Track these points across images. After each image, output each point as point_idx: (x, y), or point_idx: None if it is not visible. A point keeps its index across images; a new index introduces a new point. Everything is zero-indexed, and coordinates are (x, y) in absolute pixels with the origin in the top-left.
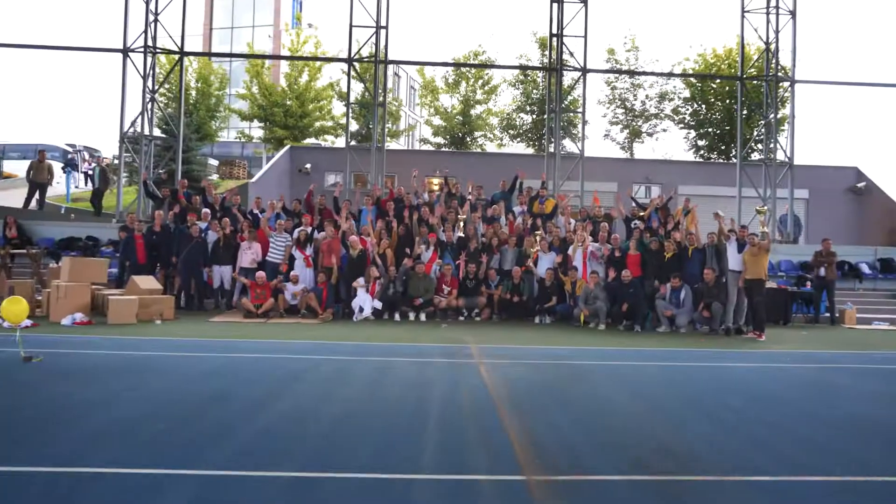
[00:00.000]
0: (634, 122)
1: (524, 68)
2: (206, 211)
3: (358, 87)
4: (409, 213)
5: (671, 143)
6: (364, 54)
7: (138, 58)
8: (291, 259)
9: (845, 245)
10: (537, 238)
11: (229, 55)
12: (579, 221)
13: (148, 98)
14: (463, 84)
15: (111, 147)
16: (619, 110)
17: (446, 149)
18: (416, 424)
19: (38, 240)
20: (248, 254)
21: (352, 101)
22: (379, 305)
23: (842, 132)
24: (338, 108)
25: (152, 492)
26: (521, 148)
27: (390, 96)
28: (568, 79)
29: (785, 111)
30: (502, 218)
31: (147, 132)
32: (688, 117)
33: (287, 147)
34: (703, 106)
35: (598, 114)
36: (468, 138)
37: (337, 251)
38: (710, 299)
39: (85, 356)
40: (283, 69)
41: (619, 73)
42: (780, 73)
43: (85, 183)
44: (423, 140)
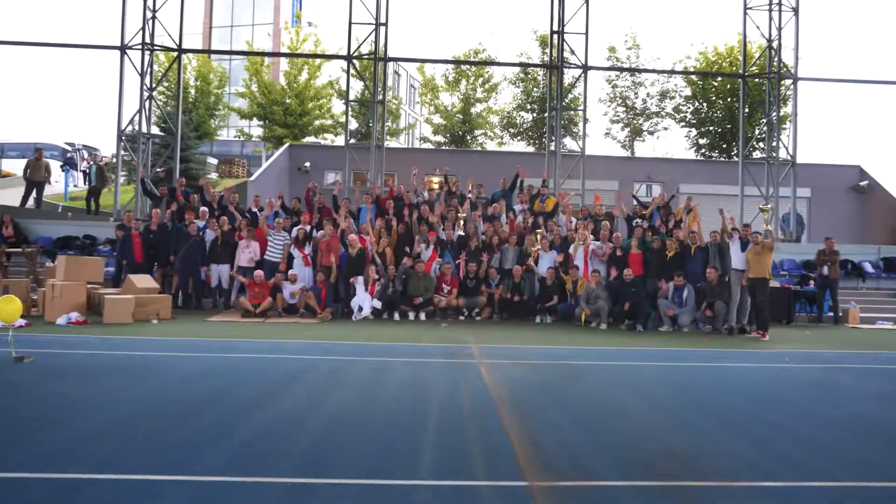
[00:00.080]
0: (635, 121)
1: (525, 65)
2: (204, 209)
3: (358, 86)
4: (409, 212)
5: (672, 142)
6: (364, 52)
7: (136, 55)
8: (290, 258)
9: (848, 244)
10: (538, 237)
11: (227, 52)
12: (581, 220)
13: (146, 95)
14: (463, 82)
15: (110, 145)
16: (620, 108)
17: (446, 147)
18: (416, 427)
19: (35, 238)
20: (247, 252)
21: (351, 99)
22: (378, 305)
23: (844, 130)
24: (337, 106)
25: (143, 498)
26: (521, 146)
27: (390, 94)
28: (569, 77)
29: (787, 109)
30: (503, 216)
31: (145, 130)
32: (689, 115)
33: (286, 145)
34: (705, 104)
35: (599, 112)
36: (468, 137)
37: (336, 250)
38: (713, 298)
39: (78, 356)
40: (283, 67)
41: (621, 70)
42: (782, 70)
43: (84, 182)
44: (423, 138)
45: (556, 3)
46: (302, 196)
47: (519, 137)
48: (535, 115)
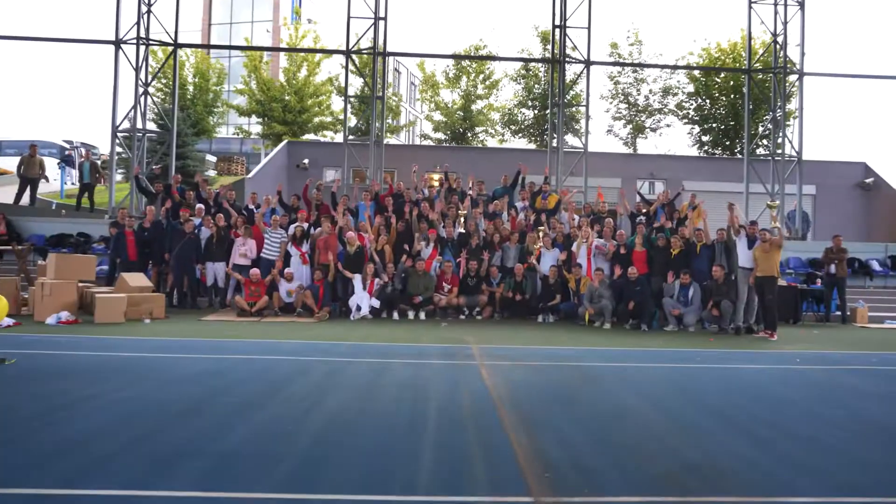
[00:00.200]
0: (638, 118)
1: (526, 60)
2: (200, 206)
3: (357, 82)
4: (409, 209)
5: (675, 139)
6: (363, 47)
7: (131, 50)
8: (287, 256)
9: (854, 241)
10: (540, 234)
11: (224, 47)
12: (583, 217)
13: (141, 91)
14: (464, 79)
15: (108, 143)
16: (622, 105)
17: (447, 144)
18: (413, 436)
19: (28, 236)
20: (243, 250)
21: (350, 96)
22: (377, 304)
23: (849, 126)
24: (337, 103)
25: None
26: (522, 143)
27: (390, 91)
28: (570, 73)
29: (791, 105)
30: (504, 214)
31: (140, 126)
32: (692, 112)
33: (284, 142)
34: (708, 101)
35: (601, 109)
36: (469, 134)
37: (334, 248)
38: (720, 297)
39: (63, 357)
40: (282, 64)
41: (624, 65)
42: (787, 65)
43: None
44: (424, 136)
45: None
46: (300, 193)
47: (520, 134)
48: (536, 111)
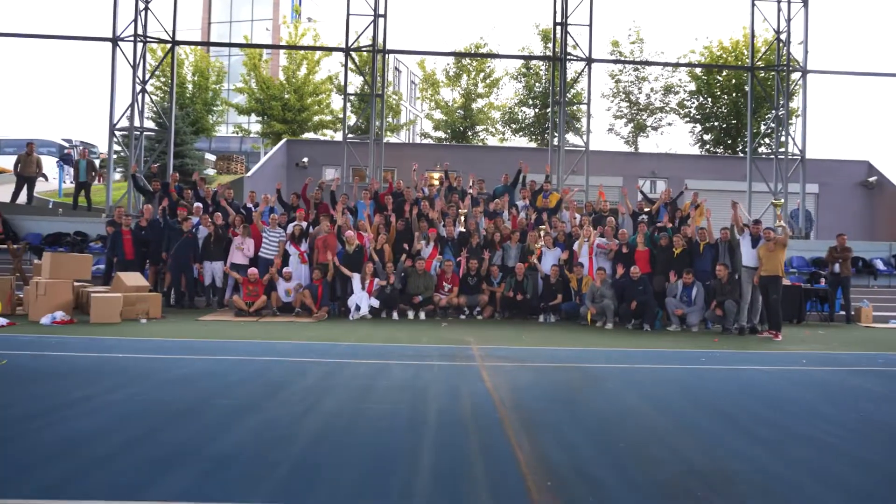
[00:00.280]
0: (639, 116)
1: (527, 58)
2: (198, 205)
3: (357, 80)
4: (409, 208)
5: (676, 138)
6: (362, 44)
7: (128, 47)
8: (286, 255)
9: (858, 241)
10: (541, 233)
11: (222, 44)
12: (585, 216)
13: (138, 89)
14: (464, 77)
15: (106, 141)
16: (624, 104)
17: (447, 142)
18: (411, 440)
19: (25, 235)
20: (241, 249)
21: (350, 94)
22: (376, 304)
23: (852, 125)
24: (337, 102)
25: None
26: (523, 142)
27: (390, 89)
28: (571, 71)
29: (793, 104)
30: (505, 212)
31: (138, 124)
32: (693, 111)
33: (283, 141)
34: (709, 99)
35: (602, 107)
36: (469, 132)
37: (333, 247)
38: (724, 297)
39: (54, 358)
40: (282, 62)
41: (626, 62)
42: (791, 63)
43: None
44: (424, 134)
45: None
46: (300, 192)
47: (521, 133)
48: (536, 110)
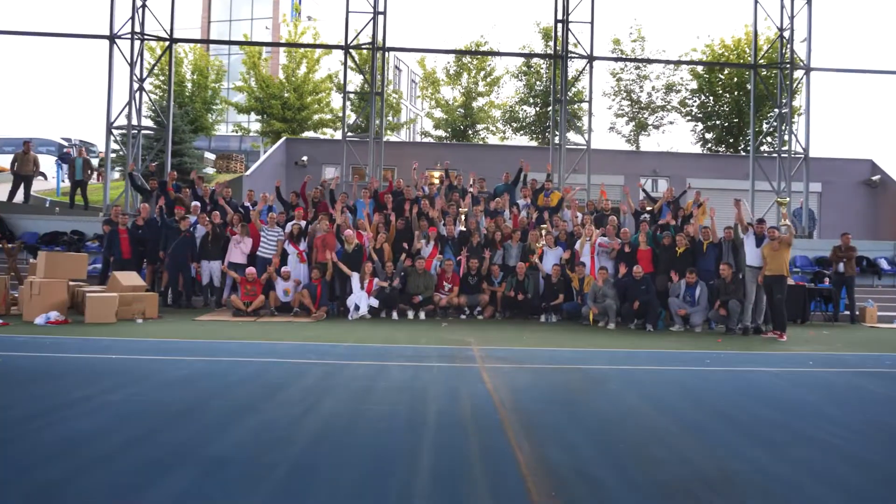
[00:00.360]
0: (640, 115)
1: (528, 55)
2: (196, 204)
3: (357, 79)
4: (409, 207)
5: (678, 136)
6: (362, 42)
7: (126, 45)
8: (284, 254)
9: (861, 240)
10: (542, 232)
11: (221, 42)
12: (586, 214)
13: (136, 87)
14: (464, 76)
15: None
16: (625, 102)
17: (447, 141)
18: (408, 447)
19: (21, 234)
20: (239, 248)
21: (350, 91)
22: (375, 303)
23: (855, 123)
24: (337, 100)
25: None
26: (524, 141)
27: (390, 88)
28: (572, 69)
29: (796, 102)
30: (506, 211)
31: (135, 122)
32: (695, 109)
33: (283, 139)
34: (711, 98)
35: (604, 106)
36: (470, 131)
37: (332, 246)
38: (728, 297)
39: (48, 360)
40: (281, 61)
41: (628, 60)
42: (794, 60)
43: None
44: (424, 133)
45: None
46: (299, 191)
47: (521, 132)
48: (537, 109)
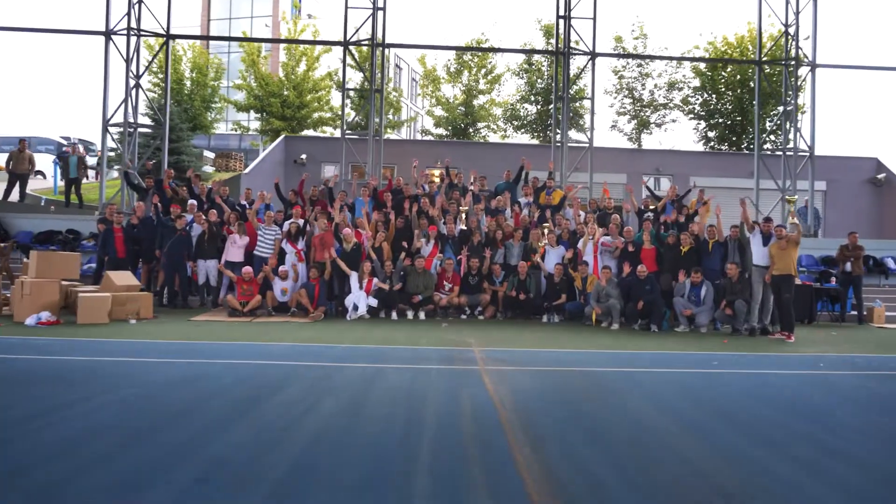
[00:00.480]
0: (642, 113)
1: (530, 52)
2: (193, 202)
3: (356, 77)
4: (409, 205)
5: (680, 134)
6: (361, 38)
7: (122, 41)
8: (282, 253)
9: (867, 239)
10: (544, 231)
11: (217, 38)
12: (589, 213)
13: (132, 84)
14: (465, 73)
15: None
16: (627, 100)
17: (448, 139)
18: (406, 454)
19: (16, 233)
20: (236, 247)
21: (349, 89)
22: (374, 303)
23: (860, 121)
24: (336, 99)
25: None
26: (525, 139)
27: (390, 86)
28: (574, 66)
29: (800, 99)
30: (507, 210)
31: (131, 120)
32: (697, 107)
33: (282, 137)
34: (714, 95)
35: (606, 104)
36: (470, 129)
37: (330, 245)
38: (734, 297)
39: (37, 362)
40: (281, 59)
41: (631, 57)
42: (798, 57)
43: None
44: (424, 131)
45: None
46: (297, 189)
47: (523, 130)
48: (539, 107)
